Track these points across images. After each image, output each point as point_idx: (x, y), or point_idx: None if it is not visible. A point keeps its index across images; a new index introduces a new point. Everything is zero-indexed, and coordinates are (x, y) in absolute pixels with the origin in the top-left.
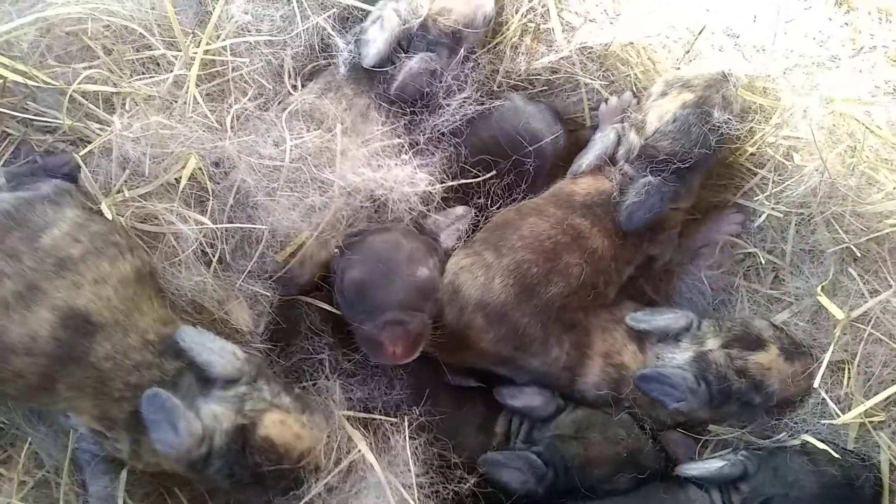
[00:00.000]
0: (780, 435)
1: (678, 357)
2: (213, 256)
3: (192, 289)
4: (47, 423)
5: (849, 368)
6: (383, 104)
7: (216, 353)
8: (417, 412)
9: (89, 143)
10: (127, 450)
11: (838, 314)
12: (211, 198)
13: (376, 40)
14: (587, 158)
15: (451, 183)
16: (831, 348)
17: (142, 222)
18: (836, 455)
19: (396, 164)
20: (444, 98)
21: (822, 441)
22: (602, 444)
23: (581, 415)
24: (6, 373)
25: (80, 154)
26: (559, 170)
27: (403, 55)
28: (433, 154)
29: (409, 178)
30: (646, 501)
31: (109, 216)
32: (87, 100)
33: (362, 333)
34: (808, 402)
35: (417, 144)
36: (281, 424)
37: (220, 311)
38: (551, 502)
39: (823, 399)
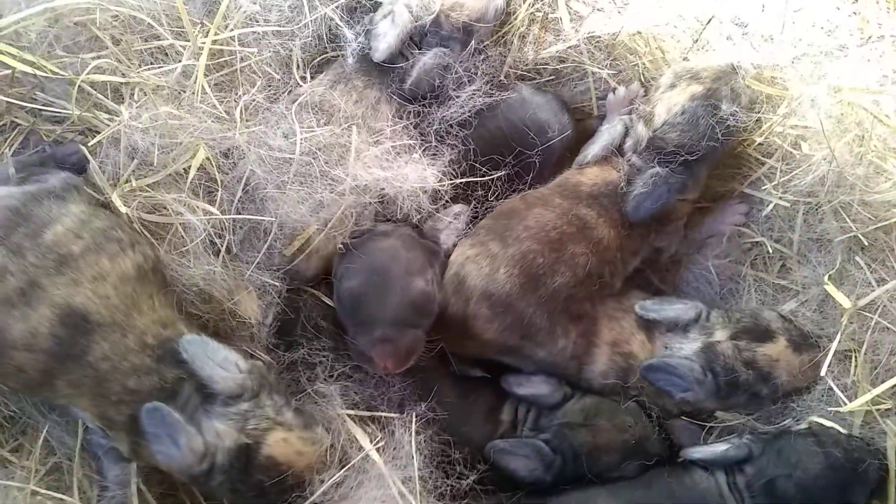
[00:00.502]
0: (786, 421)
1: (686, 347)
2: (222, 247)
3: (201, 277)
4: (57, 412)
5: (856, 357)
6: (394, 98)
7: (219, 365)
8: (422, 407)
9: (98, 132)
10: (126, 450)
11: (845, 303)
12: (220, 188)
13: (387, 35)
14: (593, 149)
15: (460, 180)
16: (838, 337)
17: (150, 213)
18: (843, 431)
19: (406, 162)
20: (454, 90)
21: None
22: (610, 431)
23: (589, 402)
24: (8, 367)
25: (89, 144)
26: (566, 160)
27: (416, 51)
28: (442, 151)
29: (418, 177)
30: (651, 486)
31: (121, 207)
32: (95, 90)
33: (355, 346)
34: (815, 389)
35: (428, 142)
36: (284, 443)
37: (228, 301)
38: (557, 489)
39: (830, 387)
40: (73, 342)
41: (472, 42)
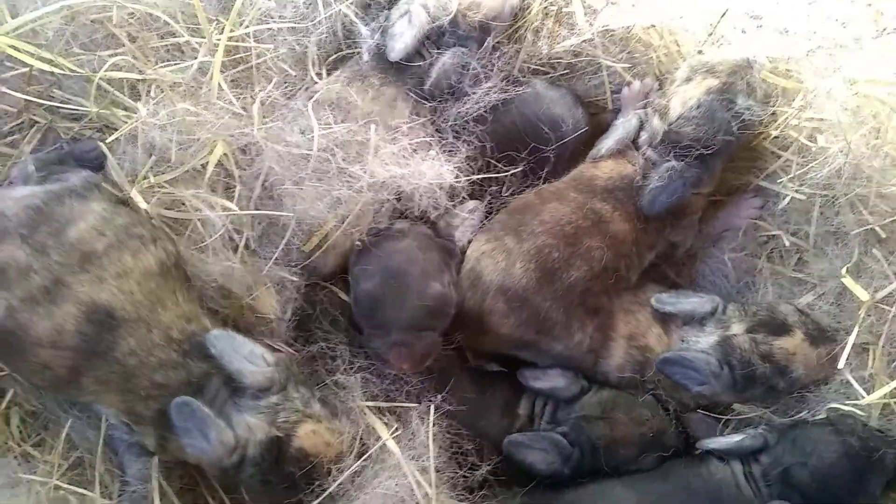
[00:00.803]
0: (803, 413)
1: (703, 341)
2: (240, 243)
3: (220, 273)
4: (78, 407)
5: (873, 350)
6: (411, 95)
7: (246, 359)
8: (439, 398)
9: (115, 129)
10: (153, 444)
11: (863, 296)
12: (238, 184)
13: (404, 35)
14: (607, 143)
15: (476, 177)
16: (855, 330)
17: (168, 209)
18: (862, 414)
19: (423, 159)
20: (470, 87)
21: (848, 414)
22: (628, 424)
23: (606, 396)
24: (33, 365)
25: (107, 141)
26: (580, 154)
27: (435, 50)
28: (458, 147)
29: (435, 173)
30: (667, 478)
31: (142, 203)
32: (112, 87)
33: (371, 347)
34: (832, 382)
35: (444, 138)
36: (314, 434)
37: (247, 296)
38: (574, 482)
39: (848, 380)
40: (100, 339)
41: (489, 40)
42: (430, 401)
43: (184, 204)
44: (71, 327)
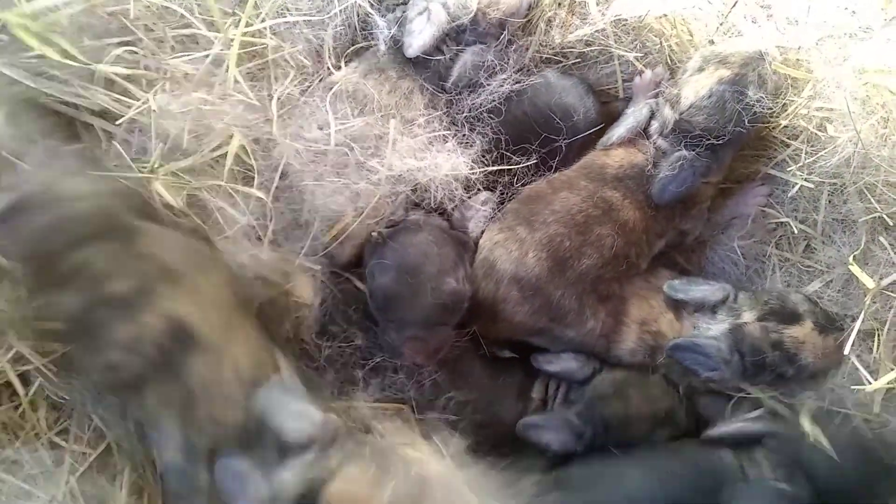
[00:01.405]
0: (809, 397)
1: (714, 328)
2: (264, 233)
3: (246, 262)
4: (104, 399)
5: (879, 336)
6: (427, 88)
7: (292, 417)
8: (456, 392)
9: (131, 121)
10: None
11: (869, 283)
12: (256, 175)
13: (422, 33)
14: (618, 131)
15: (492, 168)
16: (861, 316)
17: (189, 200)
18: (870, 389)
19: (439, 151)
20: (486, 79)
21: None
22: (641, 402)
23: (619, 375)
24: (102, 364)
25: (117, 122)
26: (590, 143)
27: (454, 47)
28: (473, 139)
29: (451, 165)
30: (674, 456)
31: (166, 196)
32: (127, 80)
33: (386, 340)
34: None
35: (459, 130)
36: (345, 494)
37: (285, 283)
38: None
39: (853, 366)
40: (173, 355)
41: (505, 34)
42: (446, 394)
43: (204, 194)
44: (150, 337)
